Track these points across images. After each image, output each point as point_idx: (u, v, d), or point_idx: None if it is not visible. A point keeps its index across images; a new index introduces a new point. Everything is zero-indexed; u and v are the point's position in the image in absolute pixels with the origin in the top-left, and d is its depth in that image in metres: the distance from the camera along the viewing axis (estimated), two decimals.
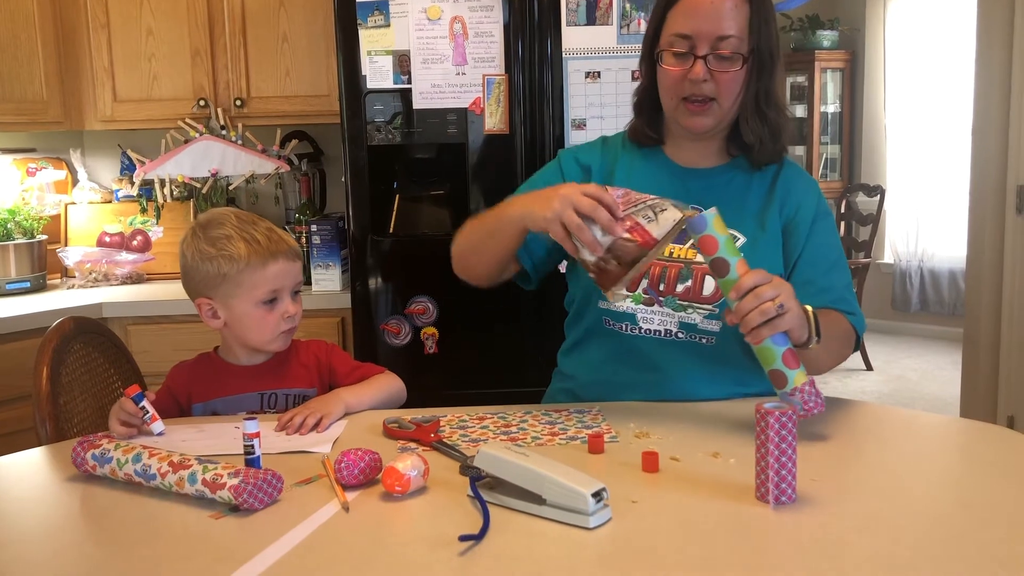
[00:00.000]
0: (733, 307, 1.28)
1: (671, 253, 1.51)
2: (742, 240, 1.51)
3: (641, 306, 1.51)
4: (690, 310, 1.50)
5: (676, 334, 1.51)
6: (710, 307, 1.49)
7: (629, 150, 1.62)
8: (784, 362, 1.29)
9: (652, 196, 1.32)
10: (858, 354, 5.13)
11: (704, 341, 1.50)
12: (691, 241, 1.28)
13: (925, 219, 5.82)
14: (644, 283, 1.51)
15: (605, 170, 1.61)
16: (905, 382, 4.93)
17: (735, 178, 1.57)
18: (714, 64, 1.46)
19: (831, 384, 4.88)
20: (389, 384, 1.62)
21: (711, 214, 1.27)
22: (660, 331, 1.51)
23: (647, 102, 1.59)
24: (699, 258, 1.48)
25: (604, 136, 1.69)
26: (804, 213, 1.55)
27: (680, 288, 1.49)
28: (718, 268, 1.29)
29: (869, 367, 5.12)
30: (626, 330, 1.53)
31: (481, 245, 1.51)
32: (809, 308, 1.34)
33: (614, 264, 1.28)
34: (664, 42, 1.50)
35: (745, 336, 1.28)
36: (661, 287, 1.51)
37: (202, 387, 1.61)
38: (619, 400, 1.53)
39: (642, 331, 1.52)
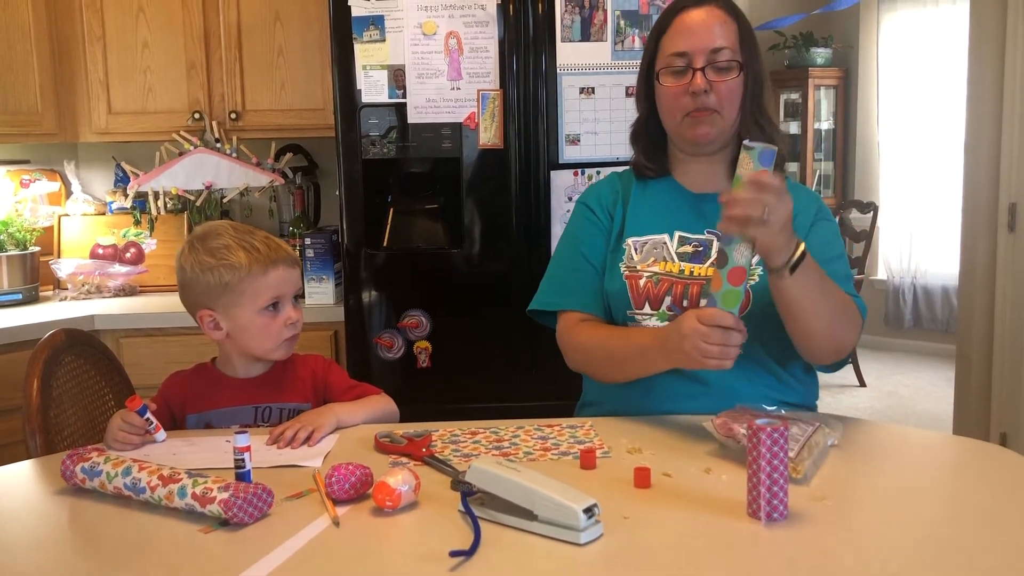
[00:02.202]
0: (747, 243, 1.31)
1: (692, 272, 1.54)
2: (757, 257, 1.51)
3: (667, 324, 1.51)
4: None
5: None
6: None
7: (641, 180, 1.67)
8: (729, 278, 1.32)
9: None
10: (851, 370, 5.14)
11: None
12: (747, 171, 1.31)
13: (918, 236, 5.84)
14: (667, 300, 1.54)
15: (621, 200, 1.65)
16: (898, 398, 4.94)
17: None
18: (712, 75, 1.52)
19: (824, 400, 4.86)
20: (383, 405, 1.62)
21: (776, 152, 1.32)
22: None
23: (644, 133, 1.66)
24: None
25: (616, 172, 1.74)
26: (803, 218, 1.56)
27: (703, 303, 1.49)
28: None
29: (862, 383, 5.12)
30: None
31: (619, 373, 1.56)
32: (803, 246, 1.35)
33: None
34: (661, 63, 1.56)
35: (723, 218, 1.30)
36: (684, 304, 1.53)
37: (197, 398, 1.61)
38: (664, 410, 1.52)
39: None
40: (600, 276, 1.62)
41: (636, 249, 1.59)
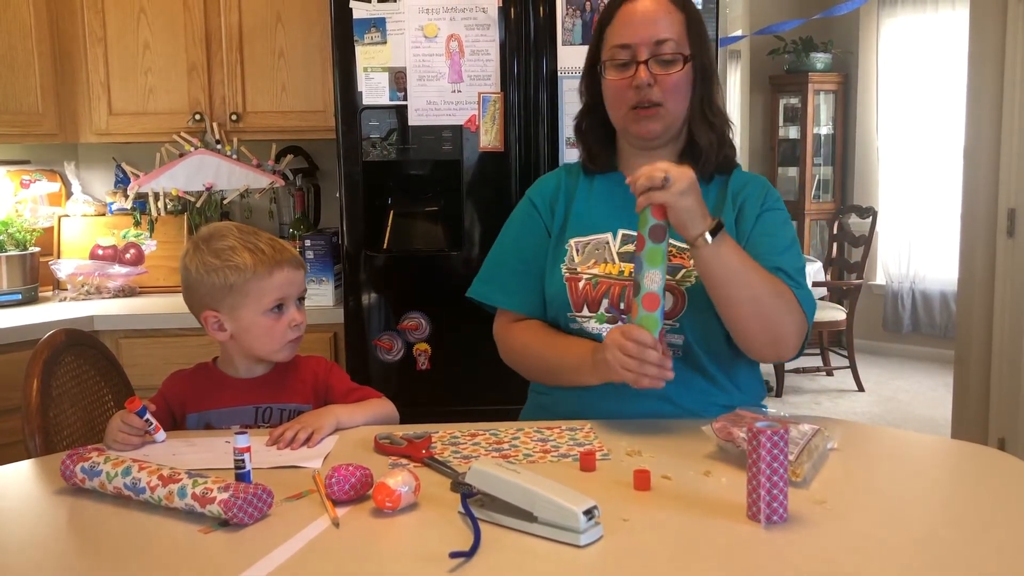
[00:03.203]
0: (658, 269, 1.36)
1: (631, 273, 1.51)
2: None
3: (605, 325, 1.52)
4: None
5: None
6: (671, 322, 1.51)
7: (589, 174, 1.66)
8: (644, 305, 1.36)
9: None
10: (850, 375, 5.14)
11: (671, 353, 1.51)
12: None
13: (917, 241, 5.84)
14: (605, 303, 1.54)
15: (564, 195, 1.65)
16: (896, 403, 4.94)
17: None
18: (656, 68, 1.50)
19: (823, 404, 4.89)
20: (384, 408, 1.62)
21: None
22: None
23: (587, 124, 1.65)
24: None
25: (567, 164, 1.73)
26: (750, 208, 1.56)
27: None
28: (657, 234, 1.37)
29: (860, 388, 5.13)
30: None
31: (551, 380, 1.61)
32: (718, 219, 1.39)
33: None
34: (605, 56, 1.55)
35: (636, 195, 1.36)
36: (622, 305, 1.53)
37: (198, 397, 1.61)
38: (594, 411, 1.53)
39: None
40: (539, 278, 1.62)
41: (578, 250, 1.59)
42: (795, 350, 1.50)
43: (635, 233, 1.55)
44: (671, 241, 1.52)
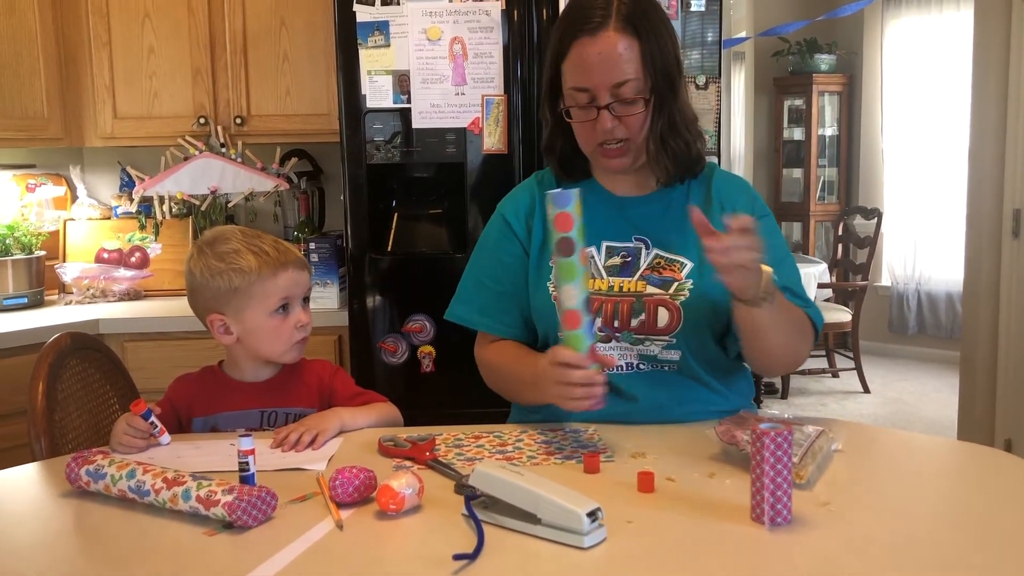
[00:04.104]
0: (574, 284, 1.31)
1: (621, 287, 1.50)
2: (689, 266, 1.50)
3: (599, 343, 1.49)
4: (647, 342, 1.49)
5: (638, 366, 1.51)
6: (667, 338, 1.49)
7: (563, 184, 1.59)
8: (565, 323, 1.34)
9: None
10: (855, 376, 5.13)
11: (667, 369, 1.51)
12: (551, 214, 1.32)
13: (922, 242, 5.83)
14: (599, 321, 1.50)
15: (543, 211, 1.58)
16: (902, 405, 4.93)
17: (673, 201, 1.56)
18: (619, 110, 1.45)
19: (829, 406, 4.88)
20: (388, 412, 1.62)
21: (575, 192, 1.32)
22: (622, 365, 1.51)
23: (555, 141, 1.58)
24: (649, 289, 1.48)
25: (538, 172, 1.68)
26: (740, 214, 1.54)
27: (635, 323, 1.49)
28: (565, 247, 1.32)
29: (866, 389, 5.12)
30: None
31: (519, 399, 1.61)
32: (771, 273, 1.35)
33: None
34: (567, 98, 1.49)
35: (715, 269, 1.28)
36: (616, 323, 1.50)
37: (204, 401, 1.61)
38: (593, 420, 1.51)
39: (605, 369, 1.51)
40: (516, 298, 1.58)
41: None
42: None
43: (620, 244, 1.54)
44: (659, 252, 1.51)
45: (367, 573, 1.02)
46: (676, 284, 1.49)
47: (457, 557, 1.01)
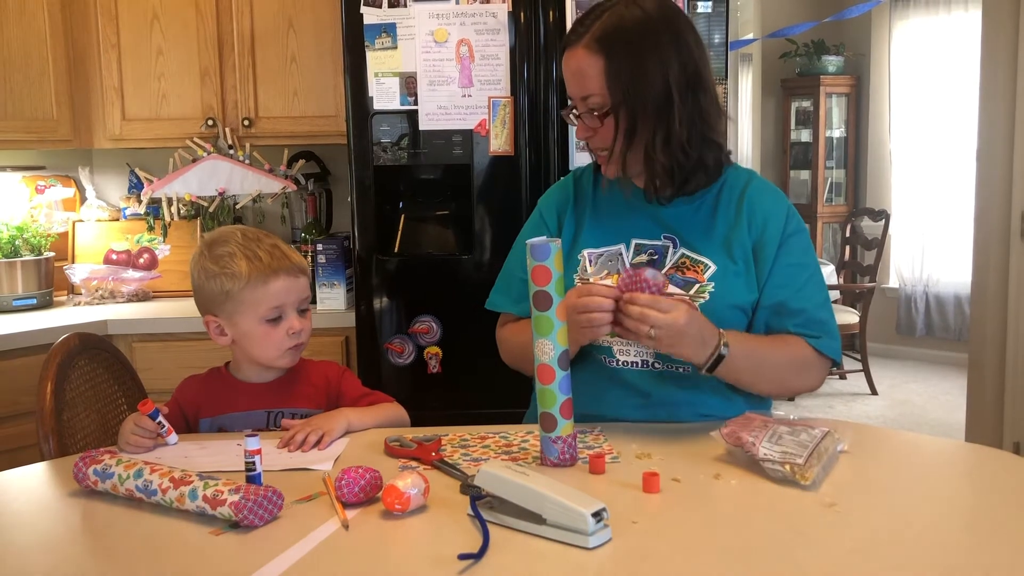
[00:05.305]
0: (548, 339, 1.32)
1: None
2: (713, 269, 1.50)
3: (616, 339, 1.50)
4: None
5: (653, 364, 1.51)
6: None
7: (600, 182, 1.63)
8: (560, 410, 1.31)
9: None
10: (863, 378, 5.12)
11: (681, 370, 1.51)
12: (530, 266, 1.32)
13: (930, 244, 5.81)
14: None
15: (572, 204, 1.64)
16: (910, 407, 4.91)
17: (704, 204, 1.56)
18: (588, 121, 1.50)
19: (836, 408, 4.86)
20: (394, 412, 1.62)
21: (555, 246, 1.29)
22: (637, 362, 1.52)
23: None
24: (671, 289, 1.48)
25: (577, 169, 1.71)
26: (772, 231, 1.52)
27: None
28: (541, 301, 1.30)
29: (874, 391, 5.10)
30: (605, 362, 1.54)
31: (528, 363, 1.57)
32: (722, 334, 1.41)
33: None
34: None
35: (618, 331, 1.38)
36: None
37: (210, 402, 1.61)
38: (606, 418, 1.52)
39: (620, 363, 1.52)
40: None
41: (591, 261, 1.56)
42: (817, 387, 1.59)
43: (648, 242, 1.55)
44: (685, 252, 1.52)
45: (372, 573, 1.02)
46: (697, 286, 1.50)
47: (462, 557, 1.01)
